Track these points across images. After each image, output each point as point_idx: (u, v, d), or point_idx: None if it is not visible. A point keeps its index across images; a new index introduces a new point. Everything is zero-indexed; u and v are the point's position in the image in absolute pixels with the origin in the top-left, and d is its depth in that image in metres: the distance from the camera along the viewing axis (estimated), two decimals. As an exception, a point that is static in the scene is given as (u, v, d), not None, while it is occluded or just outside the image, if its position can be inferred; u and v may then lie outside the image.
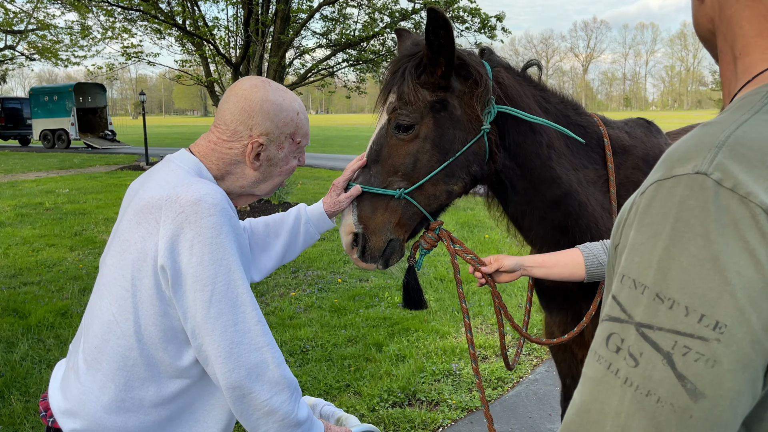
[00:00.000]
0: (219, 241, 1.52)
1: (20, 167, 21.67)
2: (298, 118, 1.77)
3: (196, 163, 1.71)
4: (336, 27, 13.29)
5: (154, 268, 1.54)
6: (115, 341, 1.60)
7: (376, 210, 2.12)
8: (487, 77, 2.17)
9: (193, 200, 1.53)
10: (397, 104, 2.11)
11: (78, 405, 1.62)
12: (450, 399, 4.44)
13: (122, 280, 1.59)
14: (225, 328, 1.51)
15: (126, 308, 1.58)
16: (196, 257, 1.50)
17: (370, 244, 2.13)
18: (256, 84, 1.74)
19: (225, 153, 1.72)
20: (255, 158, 1.72)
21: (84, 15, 12.89)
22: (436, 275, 7.46)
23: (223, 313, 1.51)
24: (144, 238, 1.56)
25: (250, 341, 1.53)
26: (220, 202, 1.56)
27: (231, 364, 1.51)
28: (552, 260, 2.14)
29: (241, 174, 1.74)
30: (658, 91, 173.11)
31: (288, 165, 1.81)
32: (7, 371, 4.80)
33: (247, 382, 1.52)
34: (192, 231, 1.51)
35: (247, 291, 1.55)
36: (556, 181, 2.29)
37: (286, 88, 1.80)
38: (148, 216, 1.56)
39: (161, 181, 1.64)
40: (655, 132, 2.71)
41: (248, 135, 1.70)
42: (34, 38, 23.11)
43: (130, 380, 1.60)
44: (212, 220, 1.52)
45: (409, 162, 2.11)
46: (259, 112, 1.70)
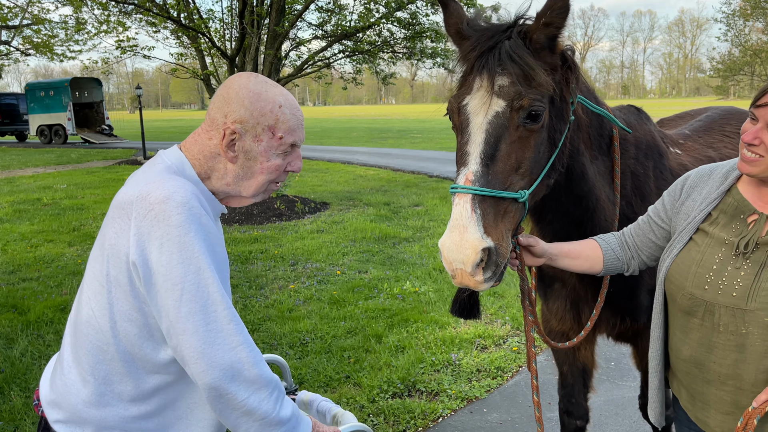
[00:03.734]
0: (187, 240, 1.49)
1: (17, 163, 21.62)
2: (279, 110, 1.68)
3: (180, 159, 1.68)
4: (332, 18, 13.22)
5: (127, 265, 1.53)
6: (93, 335, 1.60)
7: (497, 217, 1.78)
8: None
9: (161, 198, 1.51)
10: (521, 89, 1.83)
11: (61, 396, 1.64)
12: (449, 389, 4.45)
13: (99, 276, 1.59)
14: (196, 327, 1.48)
15: (102, 303, 1.58)
16: (165, 257, 1.48)
17: (500, 259, 1.76)
18: (242, 74, 1.72)
19: (205, 145, 1.69)
20: (229, 147, 1.66)
21: (78, 9, 12.80)
22: (435, 266, 7.46)
23: (194, 313, 1.49)
24: (118, 234, 1.55)
25: (224, 340, 1.50)
26: (188, 201, 1.53)
27: (204, 364, 1.48)
28: (576, 251, 2.09)
29: (224, 170, 1.69)
30: (656, 79, 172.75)
31: (269, 162, 1.70)
32: (7, 367, 4.80)
33: (222, 383, 1.49)
34: (160, 230, 1.49)
35: (219, 290, 1.52)
36: (585, 176, 2.23)
37: (276, 84, 1.74)
38: (122, 212, 1.56)
39: (139, 178, 1.64)
40: (645, 119, 2.69)
41: (223, 122, 1.66)
42: (29, 33, 22.96)
43: (109, 374, 1.61)
44: (179, 219, 1.50)
45: (532, 157, 1.86)
46: (235, 98, 1.65)
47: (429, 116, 49.66)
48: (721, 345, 1.75)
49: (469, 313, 2.21)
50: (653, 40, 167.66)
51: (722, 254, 1.79)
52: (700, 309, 1.79)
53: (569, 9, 1.87)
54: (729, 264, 1.77)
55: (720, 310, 1.75)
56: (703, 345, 1.80)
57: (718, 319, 1.75)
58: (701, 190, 1.93)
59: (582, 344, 2.91)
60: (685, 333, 1.85)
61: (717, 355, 1.76)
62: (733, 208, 1.83)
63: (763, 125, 1.70)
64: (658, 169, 2.59)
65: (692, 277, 1.82)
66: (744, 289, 1.71)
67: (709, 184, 1.92)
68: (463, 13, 2.07)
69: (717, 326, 1.76)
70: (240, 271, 7.55)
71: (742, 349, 1.72)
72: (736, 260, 1.76)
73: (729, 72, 39.88)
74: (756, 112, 1.72)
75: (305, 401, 2.07)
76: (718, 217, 1.86)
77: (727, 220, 1.83)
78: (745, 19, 36.76)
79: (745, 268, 1.73)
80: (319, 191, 13.71)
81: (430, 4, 11.91)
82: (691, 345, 1.83)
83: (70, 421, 1.62)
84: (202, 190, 1.66)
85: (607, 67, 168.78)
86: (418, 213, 11.04)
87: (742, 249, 1.75)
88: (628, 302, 2.55)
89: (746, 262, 1.74)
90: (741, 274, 1.73)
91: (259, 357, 1.56)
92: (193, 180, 1.66)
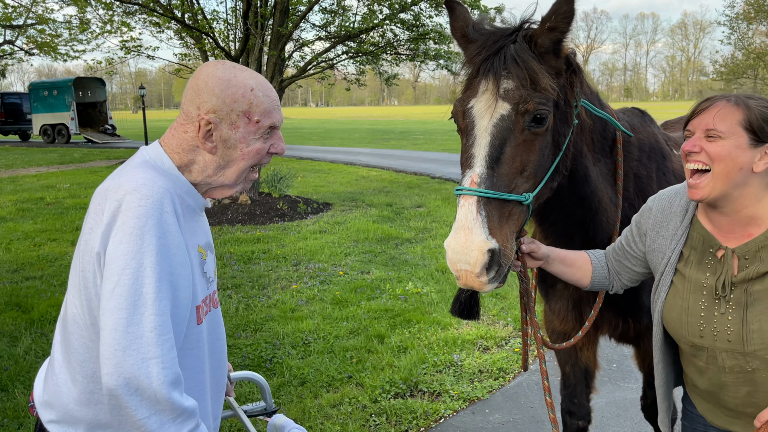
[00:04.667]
0: (140, 233, 1.44)
1: (21, 162, 21.66)
2: (251, 94, 1.62)
3: (159, 153, 1.64)
4: (335, 19, 13.23)
5: (94, 258, 1.50)
6: (78, 332, 1.58)
7: (502, 219, 1.80)
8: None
9: (130, 189, 1.48)
10: (525, 92, 1.84)
11: (53, 396, 1.62)
12: (452, 390, 4.46)
13: (78, 272, 1.56)
14: (116, 325, 1.40)
15: (81, 301, 1.55)
16: (114, 245, 1.44)
17: (504, 261, 1.79)
18: (209, 63, 1.68)
19: (182, 138, 1.64)
20: (206, 138, 1.62)
21: (82, 9, 12.83)
22: (438, 267, 7.47)
23: (120, 309, 1.40)
24: (92, 229, 1.52)
25: (138, 348, 1.39)
26: (155, 194, 1.49)
27: (111, 366, 1.39)
28: (571, 259, 2.10)
29: (203, 161, 1.64)
30: (659, 82, 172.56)
31: (250, 147, 1.65)
32: (11, 365, 4.82)
33: (123, 392, 1.38)
34: (120, 219, 1.45)
35: (155, 293, 1.42)
36: (587, 178, 2.24)
37: (244, 67, 1.69)
38: (97, 206, 1.53)
39: (116, 172, 1.62)
40: (648, 121, 2.70)
41: (197, 114, 1.61)
42: (33, 33, 23.06)
43: (96, 372, 1.55)
44: (140, 211, 1.45)
45: (536, 159, 1.87)
46: (204, 88, 1.61)
47: (431, 118, 49.62)
48: (731, 382, 1.77)
49: (468, 313, 2.21)
50: (656, 42, 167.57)
51: (704, 299, 1.78)
52: (703, 354, 1.80)
53: (574, 14, 1.89)
54: (714, 309, 1.76)
55: (722, 355, 1.75)
56: (715, 384, 1.81)
57: (722, 362, 1.76)
58: (667, 226, 1.91)
59: (584, 345, 2.92)
60: (700, 372, 1.86)
61: (730, 390, 1.78)
62: (700, 243, 1.82)
63: (700, 134, 1.70)
64: (661, 171, 2.60)
65: (686, 326, 1.82)
66: (737, 335, 1.71)
67: (673, 219, 1.90)
68: (469, 16, 2.08)
69: (723, 368, 1.77)
70: (243, 271, 7.57)
71: (753, 383, 1.73)
72: (720, 305, 1.75)
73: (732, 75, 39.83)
74: (690, 126, 1.73)
75: (277, 425, 2.03)
76: (690, 255, 1.84)
77: (699, 256, 1.82)
78: (749, 23, 36.71)
79: (730, 312, 1.73)
80: (322, 192, 13.72)
81: (433, 6, 11.92)
82: (704, 382, 1.85)
83: (62, 420, 1.60)
84: (182, 184, 1.63)
85: (609, 69, 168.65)
86: (420, 214, 11.05)
87: (721, 292, 1.74)
88: (630, 303, 2.56)
89: (729, 305, 1.73)
90: (729, 319, 1.73)
91: (175, 378, 1.44)
92: (172, 173, 1.62)
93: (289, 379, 4.61)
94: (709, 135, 1.67)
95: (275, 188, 12.18)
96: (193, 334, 1.64)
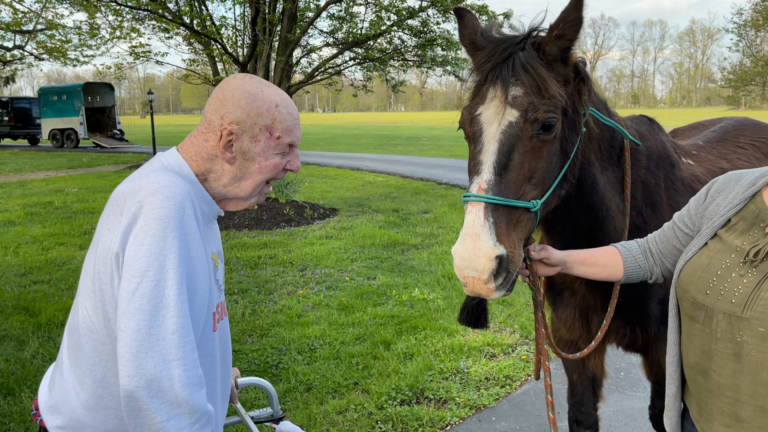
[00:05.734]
0: (162, 234, 1.43)
1: (29, 166, 21.80)
2: (276, 110, 1.65)
3: (178, 160, 1.65)
4: (343, 25, 13.29)
5: (110, 260, 1.48)
6: (89, 336, 1.56)
7: (509, 226, 1.79)
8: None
9: (151, 190, 1.48)
10: (534, 99, 1.84)
11: (60, 401, 1.60)
12: (458, 397, 4.44)
13: (92, 273, 1.55)
14: (138, 327, 1.39)
15: (95, 302, 1.54)
16: (135, 246, 1.43)
17: (512, 268, 1.78)
18: (237, 75, 1.70)
19: (202, 147, 1.66)
20: (227, 148, 1.63)
21: (92, 15, 12.94)
22: (444, 273, 7.46)
23: (142, 311, 1.40)
24: (110, 230, 1.51)
25: (160, 350, 1.39)
26: (177, 197, 1.49)
27: (132, 368, 1.38)
28: (593, 258, 2.06)
29: (221, 171, 1.66)
30: (666, 88, 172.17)
31: (268, 161, 1.67)
32: (18, 369, 4.84)
33: (144, 395, 1.37)
34: (142, 220, 1.44)
35: (177, 295, 1.43)
36: (595, 186, 2.24)
37: (271, 84, 1.72)
38: (115, 208, 1.53)
39: (135, 174, 1.62)
40: (657, 129, 2.69)
41: (220, 124, 1.63)
42: (42, 38, 23.20)
43: (106, 376, 1.55)
44: (162, 212, 1.45)
45: (545, 167, 1.87)
46: (231, 99, 1.63)
47: (438, 124, 49.60)
48: (719, 353, 1.74)
49: (476, 321, 2.20)
50: (664, 49, 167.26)
51: (730, 260, 1.77)
52: (701, 314, 1.78)
53: (582, 22, 1.89)
54: (734, 270, 1.75)
55: (718, 316, 1.73)
56: (705, 352, 1.79)
57: (716, 325, 1.73)
58: (726, 195, 1.90)
59: (591, 353, 2.90)
60: (689, 339, 1.85)
61: (717, 363, 1.75)
62: (753, 216, 1.80)
63: None
64: (669, 180, 2.59)
65: (696, 281, 1.80)
66: (743, 297, 1.69)
67: (735, 189, 1.89)
68: (478, 23, 2.09)
69: (715, 332, 1.74)
70: (249, 276, 7.58)
71: (739, 359, 1.70)
72: (742, 267, 1.74)
73: (740, 82, 39.70)
74: None
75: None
76: (737, 224, 1.83)
77: (746, 227, 1.81)
78: (757, 30, 36.61)
79: (749, 276, 1.71)
80: (329, 197, 13.74)
81: (441, 12, 11.94)
82: (694, 351, 1.82)
83: (69, 426, 1.58)
84: (199, 191, 1.64)
85: (617, 76, 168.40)
86: (426, 220, 11.04)
87: (752, 257, 1.72)
88: (638, 312, 2.54)
89: (752, 270, 1.72)
90: (743, 282, 1.71)
91: (196, 380, 1.44)
92: (190, 180, 1.63)
93: (295, 385, 4.61)
94: None
95: (282, 193, 12.21)
96: (209, 341, 1.64)
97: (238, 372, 2.17)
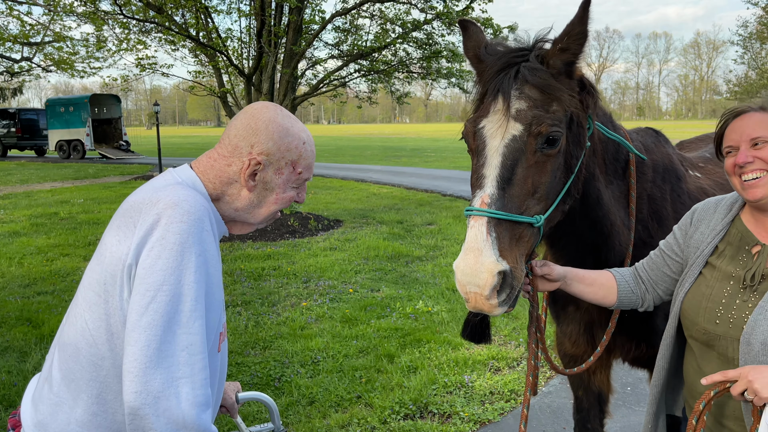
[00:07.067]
0: (180, 249, 1.41)
1: (36, 177, 21.90)
2: (303, 147, 1.71)
3: (192, 177, 1.65)
4: (348, 38, 13.33)
5: (122, 272, 1.45)
6: (87, 349, 1.51)
7: (512, 241, 1.76)
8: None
9: (170, 203, 1.47)
10: (538, 113, 1.83)
11: (49, 417, 1.54)
12: (462, 411, 4.40)
13: (96, 285, 1.51)
14: (149, 342, 1.36)
15: (98, 315, 1.50)
16: (151, 259, 1.40)
17: (515, 284, 1.75)
18: (268, 106, 1.71)
19: (223, 170, 1.66)
20: (251, 177, 1.65)
21: (99, 27, 13.02)
22: (449, 285, 7.42)
23: (154, 326, 1.37)
24: (120, 242, 1.48)
25: (169, 367, 1.36)
26: (197, 212, 1.48)
27: (139, 385, 1.35)
28: (590, 278, 2.06)
29: (237, 195, 1.66)
30: (671, 101, 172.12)
31: (285, 194, 1.71)
32: (20, 381, 4.82)
33: (150, 412, 1.34)
34: (159, 233, 1.42)
35: (191, 312, 1.40)
36: (600, 201, 2.22)
37: (297, 119, 1.75)
38: (128, 219, 1.51)
39: (148, 187, 1.61)
40: (663, 142, 2.67)
41: (248, 152, 1.64)
42: (50, 50, 23.35)
43: (102, 392, 1.51)
44: (181, 227, 1.43)
45: (548, 181, 1.84)
46: (264, 130, 1.65)
47: (443, 135, 49.66)
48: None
49: (480, 337, 2.16)
50: (669, 62, 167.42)
51: (730, 288, 1.79)
52: (716, 344, 1.78)
53: (587, 36, 1.88)
54: (737, 297, 1.76)
55: (733, 344, 1.72)
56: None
57: (733, 353, 1.73)
58: (708, 223, 1.94)
59: (597, 368, 2.86)
60: (701, 369, 1.83)
61: None
62: (738, 240, 1.84)
63: (746, 145, 1.75)
64: (675, 193, 2.56)
65: (703, 312, 1.81)
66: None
67: (715, 216, 1.94)
68: (483, 36, 2.08)
69: (732, 361, 1.73)
70: (253, 287, 7.55)
71: None
72: (744, 293, 1.75)
73: (746, 94, 39.66)
74: (730, 142, 1.80)
75: None
76: (725, 250, 1.86)
77: (734, 252, 1.84)
78: (762, 42, 36.61)
79: (752, 300, 1.72)
80: (333, 209, 13.73)
81: (446, 24, 11.98)
82: None
83: None
84: (212, 210, 1.63)
85: (622, 88, 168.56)
86: (431, 232, 11.01)
87: (749, 282, 1.75)
88: (643, 327, 2.51)
89: (754, 294, 1.73)
90: (749, 307, 1.72)
91: (204, 400, 1.41)
92: (206, 197, 1.63)
93: (298, 398, 4.57)
94: (756, 143, 1.75)
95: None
96: (212, 362, 1.60)
97: (239, 386, 2.14)
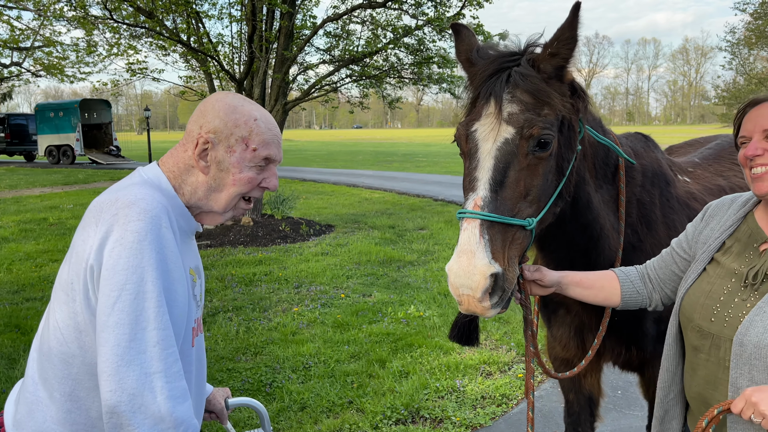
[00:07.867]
0: (139, 247, 1.42)
1: (25, 183, 21.75)
2: (254, 123, 1.66)
3: (157, 173, 1.66)
4: (339, 43, 13.35)
5: (85, 271, 1.47)
6: (58, 348, 1.53)
7: (505, 243, 1.77)
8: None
9: (127, 203, 1.48)
10: (530, 116, 1.84)
11: (27, 415, 1.56)
12: (454, 416, 4.39)
13: (65, 285, 1.53)
14: (118, 341, 1.38)
15: (67, 314, 1.52)
16: (113, 260, 1.42)
17: (507, 286, 1.75)
18: (220, 92, 1.74)
19: (180, 156, 1.68)
20: (201, 156, 1.65)
21: (90, 32, 12.97)
22: (440, 290, 7.42)
23: (122, 325, 1.38)
24: (84, 241, 1.50)
25: (142, 363, 1.38)
26: (153, 209, 1.49)
27: (113, 383, 1.36)
28: (589, 281, 2.04)
29: (196, 182, 1.67)
30: (660, 106, 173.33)
31: (242, 174, 1.66)
32: (8, 387, 4.77)
33: (126, 410, 1.35)
34: (118, 233, 1.44)
35: (157, 308, 1.42)
36: (590, 204, 2.23)
37: (253, 102, 1.74)
38: (91, 219, 1.52)
39: (113, 187, 1.63)
40: (652, 146, 2.69)
41: (198, 133, 1.65)
42: (40, 55, 23.23)
43: (75, 390, 1.53)
44: (139, 225, 1.44)
45: (540, 184, 1.85)
46: (211, 110, 1.66)
47: (434, 140, 49.77)
48: (725, 382, 1.68)
49: (468, 339, 2.17)
50: (658, 67, 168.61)
51: (731, 285, 1.75)
52: (707, 343, 1.74)
53: (577, 41, 1.89)
54: (736, 296, 1.72)
55: (725, 344, 1.68)
56: (710, 383, 1.74)
57: (724, 353, 1.69)
58: (720, 218, 1.90)
59: (588, 372, 2.87)
60: (693, 370, 1.80)
61: (721, 392, 1.70)
62: (747, 236, 1.80)
63: (759, 136, 1.71)
64: (664, 197, 2.58)
65: (700, 308, 1.77)
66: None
67: (728, 212, 1.90)
68: (475, 40, 2.09)
69: (723, 361, 1.69)
70: (244, 293, 7.53)
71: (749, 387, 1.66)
72: (744, 292, 1.71)
73: (734, 100, 39.97)
74: (744, 133, 1.74)
75: None
76: (732, 246, 1.82)
77: (741, 248, 1.80)
78: (750, 48, 36.95)
79: (752, 300, 1.68)
80: (324, 214, 13.72)
81: (437, 30, 12.02)
82: (698, 383, 1.78)
83: None
84: (177, 206, 1.64)
85: (612, 93, 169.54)
86: (422, 236, 11.02)
87: (751, 280, 1.70)
88: (634, 331, 2.52)
89: (754, 293, 1.69)
90: (747, 307, 1.68)
91: (180, 392, 1.43)
92: (169, 194, 1.63)
93: (289, 404, 4.55)
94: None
95: (278, 210, 12.18)
96: (186, 356, 1.62)
97: (229, 392, 2.14)
